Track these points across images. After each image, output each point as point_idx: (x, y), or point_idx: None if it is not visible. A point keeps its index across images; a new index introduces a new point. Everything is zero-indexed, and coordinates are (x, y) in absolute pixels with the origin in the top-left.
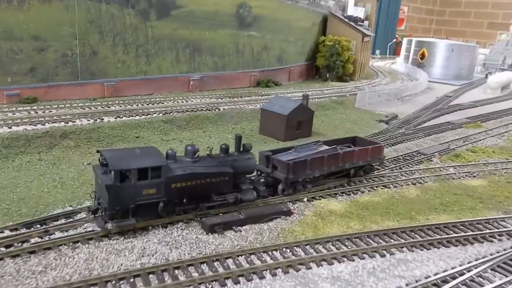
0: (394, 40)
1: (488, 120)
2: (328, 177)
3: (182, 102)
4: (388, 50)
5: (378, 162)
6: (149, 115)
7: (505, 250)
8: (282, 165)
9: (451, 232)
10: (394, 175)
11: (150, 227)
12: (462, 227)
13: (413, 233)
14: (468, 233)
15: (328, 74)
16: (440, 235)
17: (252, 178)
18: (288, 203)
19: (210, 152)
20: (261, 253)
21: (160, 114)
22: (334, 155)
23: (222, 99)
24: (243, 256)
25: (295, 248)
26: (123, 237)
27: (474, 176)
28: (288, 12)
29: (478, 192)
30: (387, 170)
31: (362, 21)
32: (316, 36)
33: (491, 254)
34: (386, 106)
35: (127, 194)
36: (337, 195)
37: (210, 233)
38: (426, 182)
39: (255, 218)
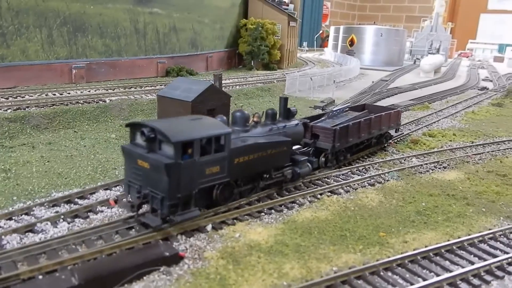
0: (320, 33)
1: (433, 101)
2: (357, 147)
3: (53, 94)
4: (315, 42)
5: (396, 128)
6: None
7: None
8: (326, 133)
9: (454, 263)
10: (343, 174)
11: None
12: (465, 251)
13: (390, 274)
14: (482, 263)
15: (252, 62)
16: (437, 274)
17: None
18: (178, 237)
19: (261, 118)
20: None
21: (9, 110)
22: (368, 120)
23: (113, 90)
24: None
25: None
26: None
27: (444, 168)
28: None
29: (458, 189)
30: (332, 168)
31: (287, 5)
32: (236, 19)
33: None
34: (320, 93)
35: (190, 175)
36: (262, 213)
37: None
38: (388, 180)
39: (103, 281)
